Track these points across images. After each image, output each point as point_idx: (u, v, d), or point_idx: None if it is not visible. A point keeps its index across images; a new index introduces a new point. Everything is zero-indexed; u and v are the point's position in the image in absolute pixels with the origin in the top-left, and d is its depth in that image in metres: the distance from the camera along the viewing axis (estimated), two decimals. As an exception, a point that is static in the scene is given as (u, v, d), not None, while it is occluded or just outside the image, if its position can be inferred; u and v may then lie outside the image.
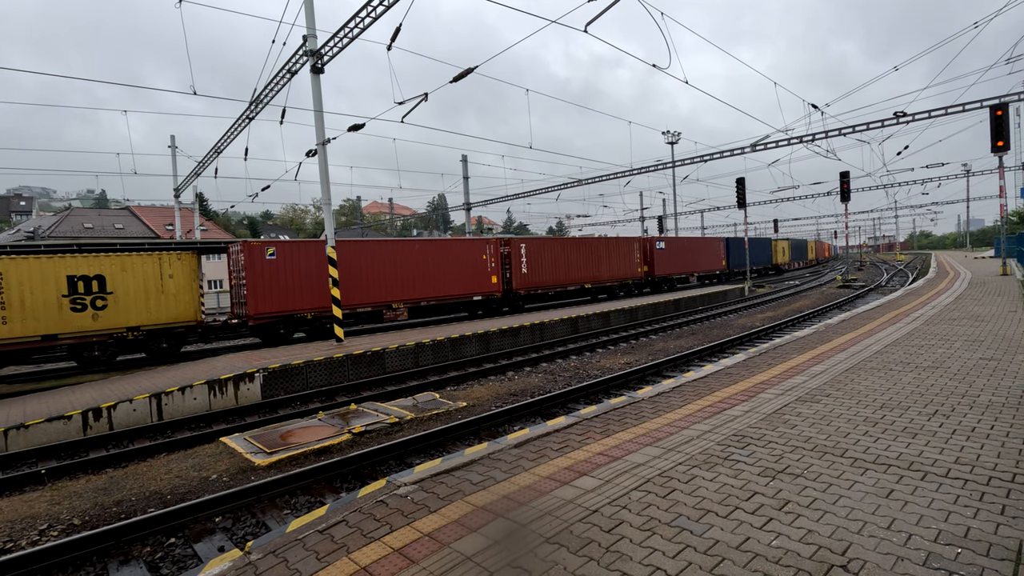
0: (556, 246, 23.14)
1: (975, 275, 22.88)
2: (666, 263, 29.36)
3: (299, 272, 15.76)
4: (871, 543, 2.88)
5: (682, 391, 6.45)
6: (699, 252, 33.31)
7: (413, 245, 18.66)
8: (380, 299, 17.40)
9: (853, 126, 20.43)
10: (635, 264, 26.92)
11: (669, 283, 30.42)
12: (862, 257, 75.79)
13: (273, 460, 6.89)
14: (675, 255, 30.27)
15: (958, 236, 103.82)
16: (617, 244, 26.14)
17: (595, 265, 24.41)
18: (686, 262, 31.54)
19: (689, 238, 34.27)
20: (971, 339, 8.44)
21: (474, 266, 19.80)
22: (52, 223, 45.09)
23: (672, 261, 29.93)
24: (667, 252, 29.51)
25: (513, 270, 20.94)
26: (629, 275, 26.45)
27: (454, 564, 2.95)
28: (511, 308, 21.72)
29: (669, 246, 30.06)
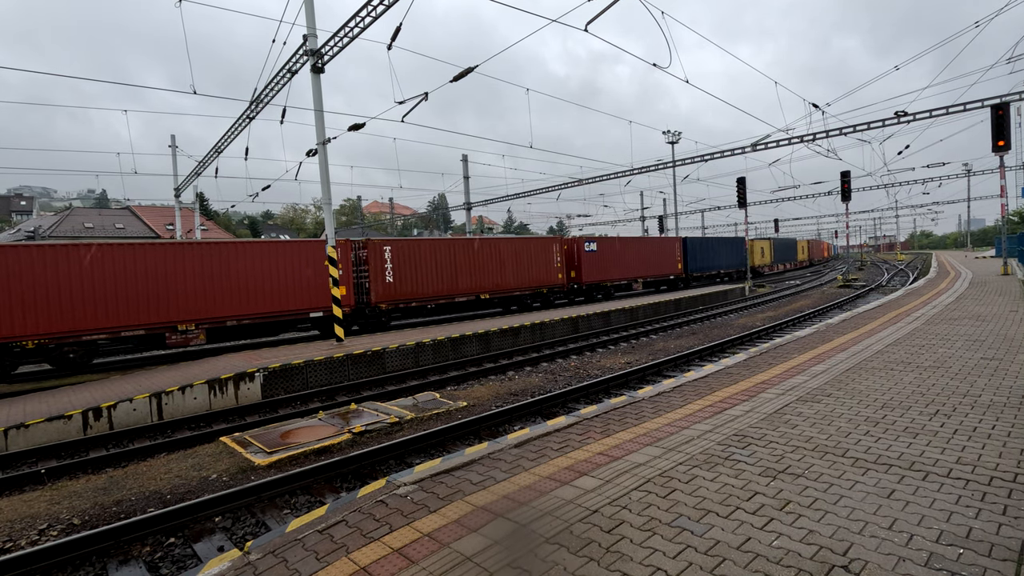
0: (439, 248, 19.04)
1: (976, 275, 22.85)
2: (599, 267, 25.30)
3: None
4: (872, 543, 2.87)
5: (683, 391, 6.44)
6: (647, 254, 28.86)
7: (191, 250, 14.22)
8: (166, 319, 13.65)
9: (854, 126, 20.41)
10: (555, 269, 22.87)
11: (604, 291, 26.18)
12: (863, 257, 75.77)
13: (273, 460, 6.88)
14: (612, 258, 26.10)
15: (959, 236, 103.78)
16: (528, 246, 22.12)
17: (498, 271, 20.64)
18: (628, 266, 27.11)
19: (633, 238, 29.44)
20: (972, 339, 8.43)
21: (302, 275, 15.51)
22: (53, 223, 45.12)
23: (608, 265, 25.77)
24: (600, 255, 25.43)
25: (373, 279, 17.02)
26: (546, 282, 22.44)
27: (454, 564, 2.94)
28: (362, 327, 17.44)
29: (604, 248, 25.88)
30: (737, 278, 37.76)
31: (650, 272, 28.99)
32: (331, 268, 13.69)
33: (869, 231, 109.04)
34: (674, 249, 31.41)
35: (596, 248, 25.27)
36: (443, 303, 19.29)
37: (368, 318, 17.47)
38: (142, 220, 48.30)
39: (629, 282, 27.84)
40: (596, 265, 25.16)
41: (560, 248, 23.47)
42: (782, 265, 52.16)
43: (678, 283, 32.15)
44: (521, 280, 21.69)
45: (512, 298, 21.95)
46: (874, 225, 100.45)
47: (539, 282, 22.36)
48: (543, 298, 23.01)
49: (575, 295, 25.21)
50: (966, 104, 18.77)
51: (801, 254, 62.90)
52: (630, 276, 27.56)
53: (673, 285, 32.04)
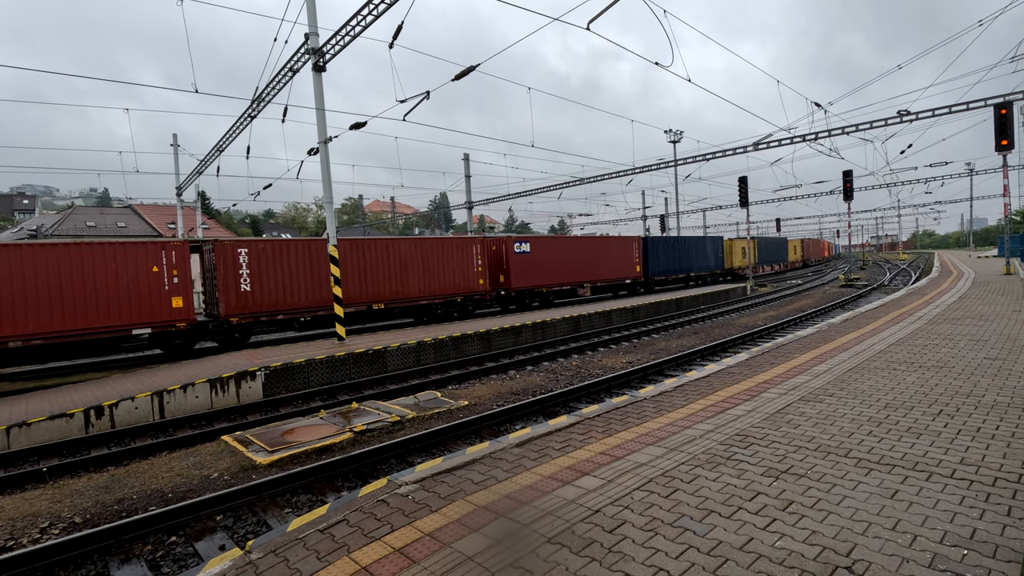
0: (316, 250, 16.05)
1: (978, 274, 22.78)
2: (534, 271, 22.30)
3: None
4: (876, 544, 2.85)
5: (684, 390, 6.42)
6: (596, 255, 25.78)
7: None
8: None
9: (856, 125, 20.35)
10: (475, 274, 20.00)
11: (541, 298, 23.08)
12: (865, 256, 75.59)
13: (274, 459, 6.88)
14: (551, 260, 23.10)
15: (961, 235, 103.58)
16: (440, 247, 19.06)
17: (398, 277, 17.79)
18: (571, 269, 24.14)
19: (578, 237, 26.84)
20: (975, 339, 8.40)
21: (128, 283, 13.00)
22: (55, 221, 45.21)
23: (545, 268, 22.80)
24: (535, 257, 22.38)
25: (223, 288, 14.45)
26: (464, 289, 19.64)
27: (455, 564, 2.93)
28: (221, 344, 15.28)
29: (540, 249, 22.70)
30: (712, 281, 34.67)
31: (600, 276, 25.75)
32: (332, 267, 13.69)
33: (871, 230, 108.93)
34: (631, 250, 28.00)
35: (529, 249, 22.15)
36: (323, 315, 16.18)
37: (214, 334, 14.82)
38: (144, 219, 48.38)
39: (573, 287, 24.58)
40: (530, 269, 22.17)
41: (482, 249, 20.34)
42: (770, 267, 47.70)
43: (636, 288, 28.75)
44: (431, 287, 18.67)
45: (418, 308, 18.73)
46: (876, 224, 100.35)
47: (454, 289, 19.34)
48: (459, 307, 19.83)
49: (507, 302, 22.30)
50: (969, 103, 18.70)
51: (793, 254, 57.25)
52: (574, 280, 24.45)
53: (631, 290, 28.71)
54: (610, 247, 26.90)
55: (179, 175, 27.74)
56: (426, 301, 18.69)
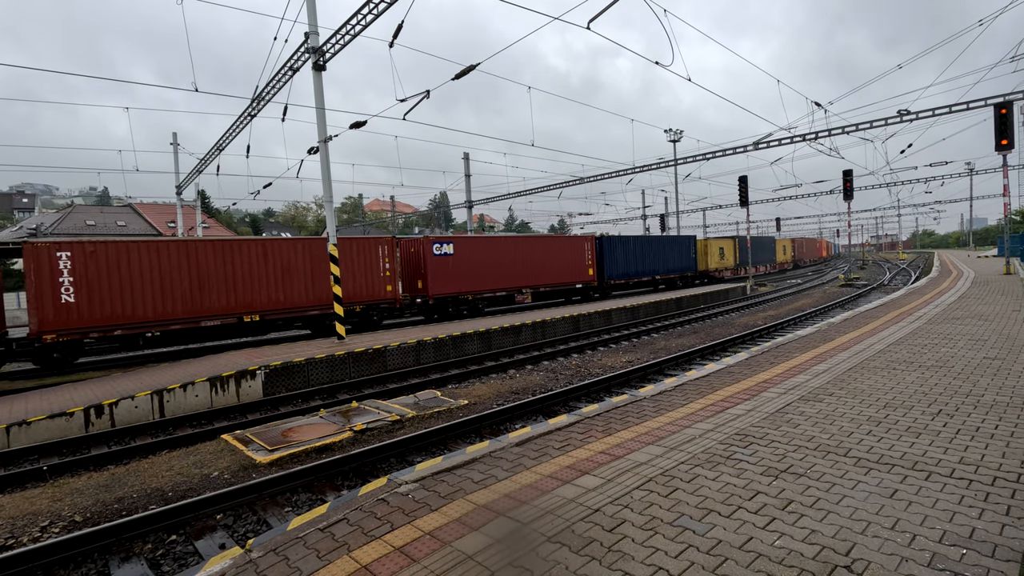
0: (167, 254, 13.79)
1: (978, 274, 22.79)
2: (460, 276, 19.79)
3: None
4: (875, 543, 2.86)
5: (684, 390, 6.43)
6: (539, 257, 22.84)
7: None
8: None
9: (857, 124, 20.35)
10: (381, 279, 17.64)
11: (468, 306, 20.32)
12: (864, 256, 75.53)
13: (274, 458, 6.89)
14: (480, 263, 20.44)
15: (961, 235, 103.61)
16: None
17: (278, 284, 15.38)
18: (507, 273, 21.45)
19: (514, 237, 23.63)
20: (975, 338, 8.40)
21: None
22: (55, 220, 45.19)
23: (473, 272, 20.23)
24: (460, 259, 19.79)
25: (37, 300, 12.24)
26: (367, 296, 17.29)
27: (455, 563, 2.94)
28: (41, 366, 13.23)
29: (465, 250, 19.94)
30: (684, 285, 32.02)
31: (544, 280, 22.91)
32: (332, 266, 13.69)
33: (871, 230, 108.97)
34: (582, 251, 24.95)
35: (453, 251, 19.62)
36: (177, 329, 13.92)
37: (18, 355, 12.63)
38: (144, 218, 48.36)
39: (510, 293, 21.77)
40: (453, 273, 19.62)
41: (390, 251, 17.87)
42: (754, 269, 43.70)
43: (589, 293, 25.87)
44: (322, 294, 16.20)
45: (306, 319, 16.29)
46: (876, 224, 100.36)
47: (353, 296, 16.95)
48: (360, 317, 17.45)
49: (429, 311, 19.81)
50: (969, 103, 18.70)
51: (782, 255, 52.26)
52: (511, 285, 21.65)
53: (584, 296, 25.85)
54: (556, 248, 24.04)
55: (179, 174, 27.73)
56: (317, 311, 16.12)
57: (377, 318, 18.00)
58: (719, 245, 37.25)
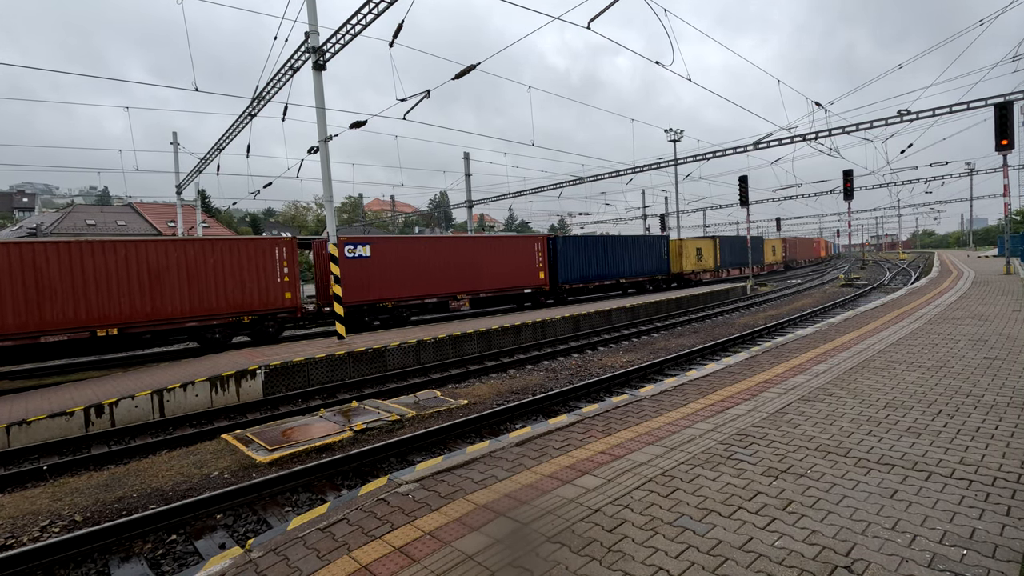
0: None
1: (978, 274, 22.79)
2: (378, 281, 17.61)
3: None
4: (875, 544, 2.86)
5: (684, 390, 6.43)
6: (481, 259, 20.60)
7: None
8: None
9: (857, 124, 20.34)
10: (277, 285, 15.43)
11: (390, 314, 18.19)
12: (865, 256, 75.47)
13: (274, 457, 6.89)
14: (405, 267, 18.27)
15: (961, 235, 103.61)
16: (214, 250, 14.41)
17: (143, 290, 13.33)
18: (439, 277, 19.24)
19: (447, 237, 21.10)
20: (975, 338, 8.40)
21: None
22: (55, 219, 45.18)
23: (396, 277, 18.04)
24: (377, 262, 17.61)
25: None
26: (256, 306, 15.07)
27: (455, 563, 2.94)
28: None
29: (385, 252, 17.83)
30: (655, 289, 29.68)
31: (484, 285, 20.71)
32: (332, 266, 13.70)
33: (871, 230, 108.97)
34: (531, 252, 22.40)
35: (369, 252, 17.51)
36: (8, 347, 11.99)
37: None
38: (144, 217, 48.36)
39: (443, 300, 19.56)
40: (371, 278, 17.56)
41: (290, 253, 15.66)
42: (738, 270, 40.35)
43: (539, 298, 23.22)
44: (205, 303, 14.22)
45: (186, 331, 14.32)
46: (876, 224, 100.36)
47: (241, 306, 14.78)
48: (251, 328, 15.40)
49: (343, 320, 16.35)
50: (969, 103, 18.70)
51: (771, 255, 48.44)
52: (444, 291, 19.38)
53: (534, 302, 23.27)
54: (500, 249, 21.41)
55: (179, 173, 27.73)
56: (195, 323, 14.15)
57: (274, 330, 15.88)
58: (696, 246, 34.34)
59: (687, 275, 32.78)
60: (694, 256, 33.81)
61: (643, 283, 28.96)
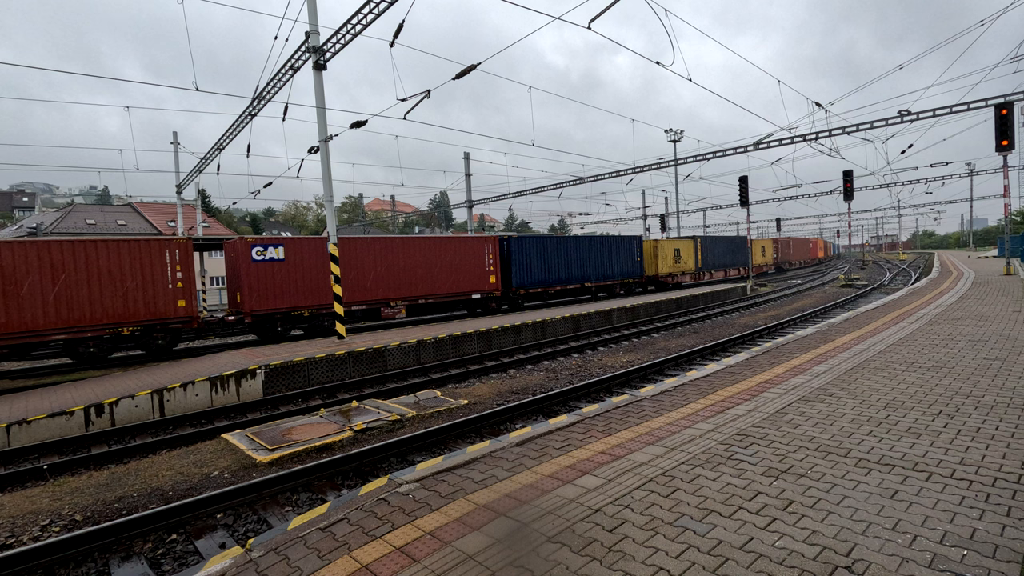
0: None
1: (978, 275, 22.79)
2: (292, 287, 16.01)
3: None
4: (876, 544, 2.86)
5: (684, 390, 6.43)
6: (419, 262, 18.82)
7: None
8: None
9: (857, 125, 20.35)
10: (168, 294, 13.99)
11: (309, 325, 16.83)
12: (865, 256, 75.46)
13: (274, 457, 6.89)
14: (322, 270, 16.46)
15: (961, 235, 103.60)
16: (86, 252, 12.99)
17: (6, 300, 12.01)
18: (369, 282, 17.44)
19: (376, 238, 18.48)
20: (975, 339, 8.40)
21: None
22: (55, 219, 45.18)
23: (315, 283, 16.42)
24: (295, 266, 16.07)
25: None
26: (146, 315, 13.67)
27: (456, 563, 2.94)
28: None
29: (302, 254, 16.24)
30: (627, 293, 27.72)
31: (424, 290, 18.88)
32: (333, 266, 13.70)
33: (871, 230, 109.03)
34: (480, 254, 20.63)
35: (283, 255, 15.84)
36: None
37: None
38: (144, 217, 48.36)
39: (374, 307, 17.77)
40: (284, 283, 15.88)
41: (184, 256, 14.22)
42: (723, 273, 37.87)
43: (490, 305, 21.40)
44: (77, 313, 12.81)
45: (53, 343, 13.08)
46: (876, 224, 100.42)
47: (129, 315, 13.44)
48: (138, 340, 14.13)
49: (258, 329, 16.19)
50: (970, 103, 18.70)
51: (760, 257, 45.69)
52: (375, 297, 17.63)
53: (485, 308, 21.39)
54: (441, 251, 19.57)
55: (179, 173, 27.73)
56: (63, 336, 12.76)
57: (165, 341, 14.49)
58: (674, 246, 32.02)
59: (663, 278, 30.91)
60: (671, 258, 31.71)
61: (613, 287, 27.14)
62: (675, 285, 31.90)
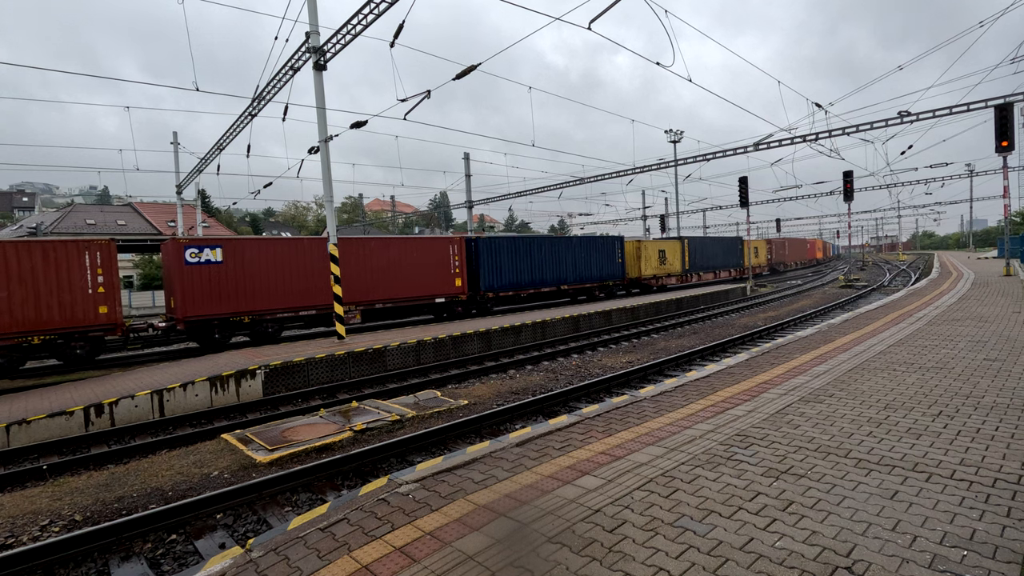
0: None
1: (978, 276, 22.80)
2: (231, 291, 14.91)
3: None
4: (876, 544, 2.86)
5: (684, 390, 6.43)
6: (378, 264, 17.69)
7: None
8: None
9: (857, 125, 20.35)
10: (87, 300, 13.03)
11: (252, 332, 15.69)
12: (865, 257, 75.43)
13: (274, 457, 6.89)
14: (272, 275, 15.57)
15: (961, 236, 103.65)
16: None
17: None
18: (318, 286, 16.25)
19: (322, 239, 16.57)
20: (975, 340, 8.41)
21: None
22: (55, 219, 45.17)
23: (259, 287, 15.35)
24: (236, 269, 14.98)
25: None
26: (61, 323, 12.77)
27: (456, 563, 2.94)
28: None
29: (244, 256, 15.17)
30: (607, 296, 26.22)
31: (382, 293, 17.72)
32: (332, 266, 13.70)
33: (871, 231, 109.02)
34: (445, 255, 19.41)
35: (221, 257, 14.70)
36: None
37: None
38: (144, 217, 48.35)
39: (326, 311, 16.46)
40: (222, 287, 14.74)
41: (106, 259, 13.26)
42: (712, 274, 36.13)
43: (455, 309, 20.11)
44: None
45: None
46: (876, 225, 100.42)
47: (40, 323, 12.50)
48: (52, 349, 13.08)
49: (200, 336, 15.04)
50: (969, 104, 18.71)
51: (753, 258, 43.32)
52: (323, 302, 16.28)
53: (449, 312, 20.07)
54: (400, 252, 18.22)
55: (179, 173, 27.72)
56: None
57: (85, 351, 13.46)
58: (659, 247, 30.50)
59: (647, 280, 29.30)
60: (656, 259, 30.12)
61: (592, 289, 25.69)
62: (660, 288, 30.46)
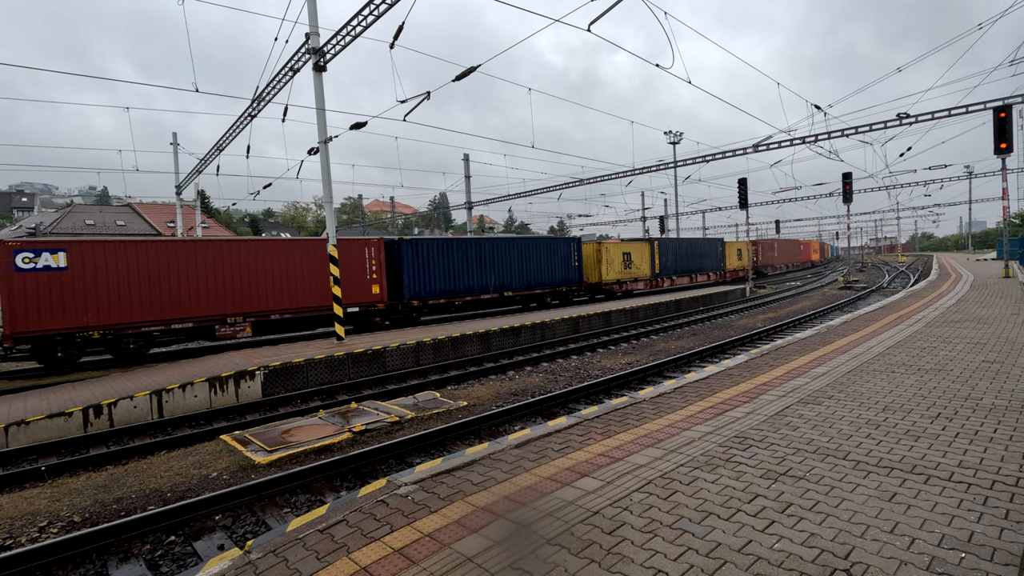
0: None
1: (977, 277, 22.82)
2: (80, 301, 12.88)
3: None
4: (874, 547, 2.86)
5: (683, 392, 6.43)
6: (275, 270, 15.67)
7: None
8: None
9: (856, 127, 20.38)
10: None
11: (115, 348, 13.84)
12: (864, 258, 75.46)
13: (273, 458, 6.88)
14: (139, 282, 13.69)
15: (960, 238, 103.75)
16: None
17: None
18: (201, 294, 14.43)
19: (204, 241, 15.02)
20: (974, 342, 8.42)
21: None
22: (54, 219, 45.14)
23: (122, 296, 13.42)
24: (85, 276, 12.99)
25: None
26: None
27: (455, 565, 2.94)
28: None
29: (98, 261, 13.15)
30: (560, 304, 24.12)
31: (276, 304, 15.64)
32: (332, 267, 13.70)
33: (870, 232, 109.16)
34: (359, 259, 17.27)
35: (65, 263, 12.75)
36: None
37: None
38: (144, 218, 48.33)
39: (206, 323, 14.62)
40: (65, 298, 12.78)
41: None
42: (687, 278, 33.30)
43: (372, 320, 17.84)
44: None
45: None
46: (875, 227, 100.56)
47: None
48: None
49: (39, 356, 13.21)
50: (968, 106, 18.74)
51: (735, 261, 39.49)
52: (203, 313, 14.52)
53: (366, 323, 17.81)
54: (300, 256, 16.09)
55: (179, 174, 27.72)
56: None
57: None
58: (623, 250, 27.61)
59: (609, 285, 26.67)
60: (619, 263, 27.31)
61: (542, 296, 23.35)
62: (626, 294, 28.05)
